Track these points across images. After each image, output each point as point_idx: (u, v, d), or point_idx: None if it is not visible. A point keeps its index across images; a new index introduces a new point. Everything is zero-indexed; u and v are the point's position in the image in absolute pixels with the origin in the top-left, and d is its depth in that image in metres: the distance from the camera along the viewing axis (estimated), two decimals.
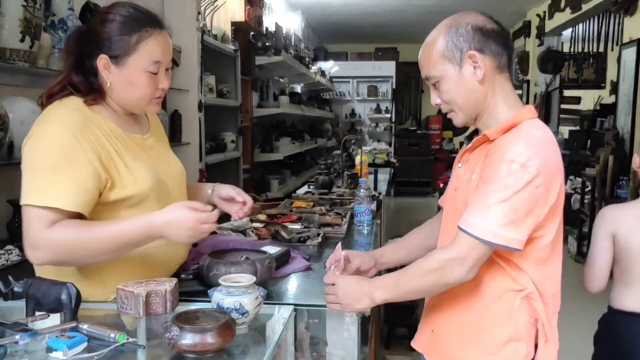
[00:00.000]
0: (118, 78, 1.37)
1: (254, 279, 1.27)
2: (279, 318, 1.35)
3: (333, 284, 1.34)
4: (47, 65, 1.87)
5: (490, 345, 1.32)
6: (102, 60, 1.36)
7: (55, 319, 1.22)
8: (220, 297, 1.22)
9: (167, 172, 1.50)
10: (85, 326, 1.15)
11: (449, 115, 1.39)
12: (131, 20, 1.35)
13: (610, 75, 7.46)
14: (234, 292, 1.22)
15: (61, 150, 1.28)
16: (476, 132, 1.44)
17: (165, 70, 1.43)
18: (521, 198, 1.19)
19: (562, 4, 7.06)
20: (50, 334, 1.14)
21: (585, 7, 6.34)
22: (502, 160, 1.21)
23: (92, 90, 1.39)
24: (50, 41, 1.88)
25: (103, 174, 1.32)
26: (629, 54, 5.38)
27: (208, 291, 1.30)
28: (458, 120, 1.38)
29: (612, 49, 6.42)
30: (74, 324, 1.17)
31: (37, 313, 1.22)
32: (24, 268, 1.35)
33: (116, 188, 1.35)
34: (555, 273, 1.35)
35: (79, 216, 1.29)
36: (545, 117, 7.37)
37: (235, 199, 1.62)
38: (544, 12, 7.81)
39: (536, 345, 1.32)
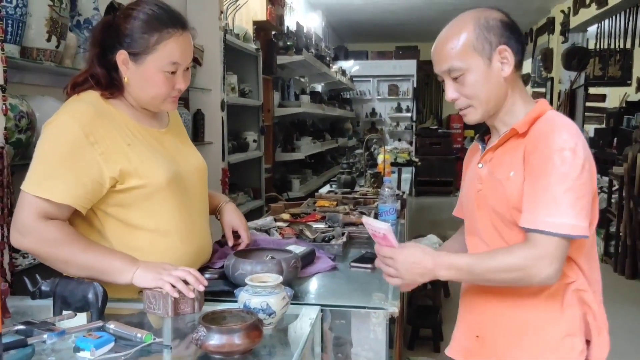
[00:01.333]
0: (135, 75, 1.38)
1: (280, 278, 1.25)
2: (306, 319, 1.33)
3: (391, 258, 1.28)
4: (72, 64, 1.87)
5: (545, 343, 1.28)
6: (121, 56, 1.37)
7: (82, 318, 1.22)
8: (247, 297, 1.20)
9: (184, 166, 1.50)
10: (112, 326, 1.15)
11: (463, 112, 1.34)
12: (153, 20, 1.36)
13: (637, 71, 7.31)
14: (261, 292, 1.20)
15: (66, 144, 1.31)
16: (487, 131, 1.42)
17: (185, 69, 1.43)
18: (581, 183, 1.18)
19: (588, 0, 6.92)
20: (77, 333, 1.14)
21: (611, 2, 6.21)
22: (552, 150, 1.19)
23: (112, 84, 1.41)
24: (75, 41, 1.88)
25: (108, 171, 1.34)
26: None
27: (234, 291, 1.28)
28: (474, 116, 1.33)
29: (639, 45, 6.28)
30: (100, 324, 1.17)
31: (64, 312, 1.23)
32: (50, 267, 1.36)
33: (131, 179, 1.37)
34: (597, 262, 1.35)
35: (71, 210, 1.33)
36: (570, 115, 7.23)
37: (237, 231, 1.70)
38: (569, 8, 7.67)
39: (587, 340, 1.29)
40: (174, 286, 1.26)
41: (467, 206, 1.43)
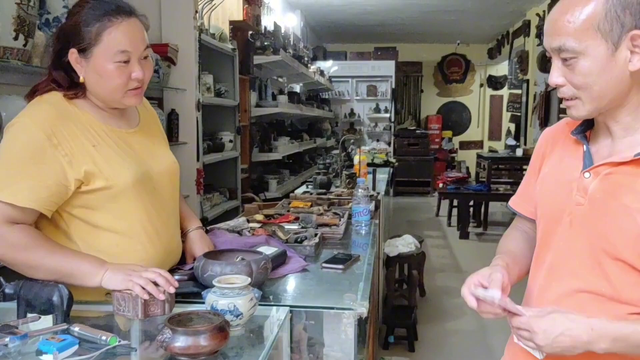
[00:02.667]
0: (88, 71, 1.36)
1: (248, 280, 1.25)
2: (275, 320, 1.33)
3: (527, 330, 1.04)
4: (41, 63, 1.85)
5: None
6: (72, 55, 1.36)
7: (47, 321, 1.20)
8: (214, 299, 1.20)
9: (154, 166, 1.49)
10: (76, 328, 1.13)
11: (568, 103, 1.10)
12: (93, 11, 1.34)
13: None
14: (228, 293, 1.20)
15: (27, 147, 1.29)
16: (590, 124, 1.18)
17: (143, 59, 1.40)
18: None
19: None
20: (40, 336, 1.12)
21: None
22: None
23: (73, 85, 1.39)
24: (44, 39, 1.86)
25: (72, 173, 1.32)
26: None
27: (202, 293, 1.28)
28: (580, 112, 1.09)
29: None
30: (65, 326, 1.16)
31: (28, 315, 1.21)
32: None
33: (96, 180, 1.35)
34: None
35: (36, 213, 1.30)
36: (545, 117, 7.35)
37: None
38: (544, 11, 7.79)
39: None
40: (144, 288, 1.25)
41: (549, 216, 1.19)
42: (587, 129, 1.19)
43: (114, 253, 1.37)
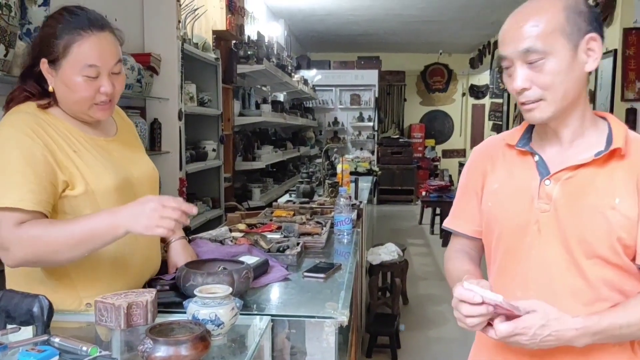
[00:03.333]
0: (57, 82, 1.36)
1: (230, 289, 1.26)
2: (256, 329, 1.34)
3: (516, 335, 1.05)
4: None
5: None
6: (43, 65, 1.36)
7: (27, 332, 1.20)
8: (196, 309, 1.21)
9: (134, 173, 1.49)
10: (57, 339, 1.13)
11: (531, 106, 1.13)
12: (65, 23, 1.34)
13: (589, 84, 7.58)
14: (210, 303, 1.21)
15: (17, 151, 1.28)
16: (530, 137, 1.24)
17: (115, 74, 1.39)
18: None
19: None
20: (20, 347, 1.12)
21: None
22: None
23: (45, 94, 1.39)
24: (25, 49, 1.85)
25: (60, 175, 1.32)
26: (606, 64, 5.48)
27: (184, 302, 1.28)
28: (544, 113, 1.13)
29: None
30: (45, 338, 1.15)
31: (8, 326, 1.20)
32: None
33: (77, 185, 1.34)
34: None
35: (41, 215, 1.29)
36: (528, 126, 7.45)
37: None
38: None
39: None
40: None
41: (513, 228, 1.21)
42: (529, 141, 1.24)
43: (92, 258, 1.35)
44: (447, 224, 1.41)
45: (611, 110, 5.31)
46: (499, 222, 1.24)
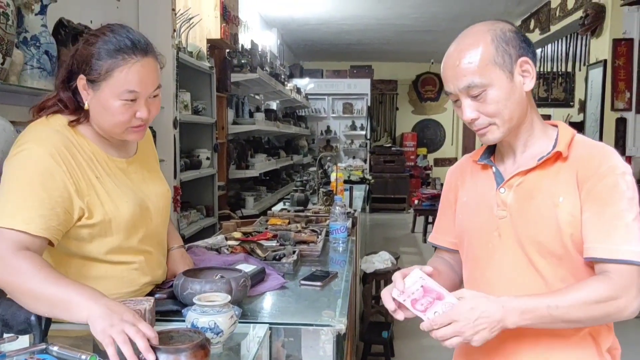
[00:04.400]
0: (94, 101, 1.34)
1: (228, 297, 1.26)
2: (254, 337, 1.34)
3: (449, 323, 1.11)
4: (18, 82, 1.84)
5: None
6: (81, 81, 1.34)
7: (24, 340, 1.19)
8: (195, 317, 1.21)
9: (151, 197, 1.48)
10: (55, 348, 1.13)
11: (483, 131, 1.22)
12: (110, 45, 1.30)
13: (579, 94, 7.66)
14: (209, 311, 1.21)
15: (37, 173, 1.25)
16: (492, 151, 1.33)
17: (152, 97, 1.37)
18: None
19: (532, 25, 7.26)
20: (18, 356, 1.11)
21: (553, 28, 6.54)
22: (615, 174, 1.14)
23: (78, 108, 1.37)
24: (22, 58, 1.85)
25: (78, 201, 1.30)
26: (596, 74, 5.54)
27: (182, 310, 1.28)
28: (495, 135, 1.22)
29: (580, 69, 6.61)
30: (43, 346, 1.15)
31: (5, 335, 1.20)
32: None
33: (95, 213, 1.32)
34: None
35: (47, 241, 1.26)
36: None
37: None
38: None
39: None
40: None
41: (478, 236, 1.30)
42: (489, 155, 1.34)
43: (102, 280, 1.35)
44: (431, 239, 1.52)
45: (601, 120, 5.37)
46: (467, 232, 1.34)
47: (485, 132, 1.23)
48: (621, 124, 5.31)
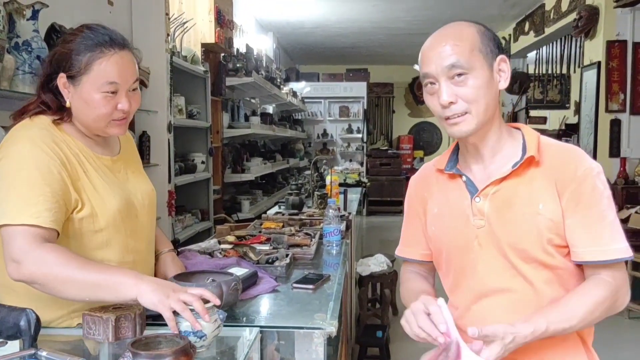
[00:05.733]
0: (75, 97, 1.37)
1: (212, 302, 1.25)
2: (246, 340, 1.34)
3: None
4: (10, 87, 1.84)
5: None
6: (61, 79, 1.36)
7: (14, 346, 1.19)
8: (178, 321, 1.20)
9: (135, 194, 1.49)
10: (44, 353, 1.12)
11: (457, 119, 1.20)
12: (87, 40, 1.35)
13: (574, 96, 7.69)
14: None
15: (35, 168, 1.28)
16: (456, 160, 1.32)
17: (132, 90, 1.40)
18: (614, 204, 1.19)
19: (527, 28, 7.28)
20: None
21: (548, 30, 6.55)
22: (592, 176, 1.17)
23: (61, 108, 1.39)
24: (13, 63, 1.85)
25: (73, 193, 1.32)
26: (590, 76, 5.56)
27: None
28: (469, 125, 1.20)
29: (575, 71, 6.63)
30: (32, 351, 1.14)
31: None
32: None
33: (85, 208, 1.34)
34: None
35: (56, 233, 1.28)
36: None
37: None
38: (509, 35, 8.04)
39: None
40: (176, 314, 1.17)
41: (458, 247, 1.28)
42: (455, 164, 1.33)
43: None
44: (398, 252, 1.49)
45: (596, 121, 5.38)
46: (444, 244, 1.32)
47: (459, 122, 1.20)
48: (615, 125, 5.33)
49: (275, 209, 3.75)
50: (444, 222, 1.32)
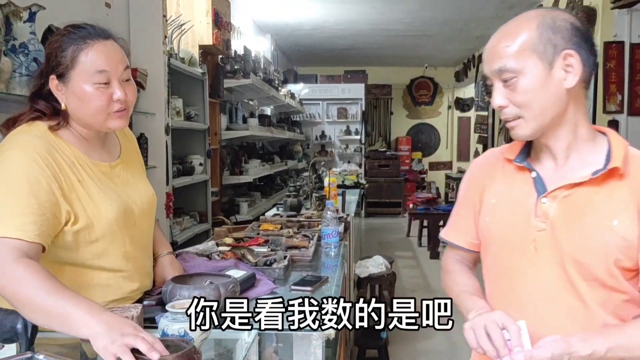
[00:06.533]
0: (69, 96, 1.35)
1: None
2: (243, 343, 1.33)
3: None
4: (6, 89, 1.84)
5: None
6: (53, 82, 1.35)
7: (10, 349, 1.19)
8: (166, 324, 1.19)
9: (135, 200, 1.47)
10: (41, 356, 1.12)
11: (510, 124, 1.14)
12: (70, 35, 1.34)
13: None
14: (180, 318, 1.19)
15: (24, 179, 1.25)
16: (528, 151, 1.22)
17: (125, 81, 1.38)
18: None
19: None
20: None
21: None
22: None
23: (56, 113, 1.37)
24: (10, 65, 1.85)
25: (65, 205, 1.29)
26: None
27: (155, 317, 1.27)
28: (524, 131, 1.13)
29: None
30: (29, 355, 1.14)
31: None
32: None
33: (80, 220, 1.32)
34: None
35: (40, 247, 1.25)
36: (511, 138, 7.52)
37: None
38: None
39: None
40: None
41: (510, 247, 1.20)
42: (526, 155, 1.23)
43: (92, 290, 1.34)
44: (444, 234, 1.42)
45: (593, 122, 5.38)
46: (496, 239, 1.24)
47: (514, 126, 1.14)
48: (613, 126, 5.33)
49: (274, 210, 3.74)
50: (501, 215, 1.22)
